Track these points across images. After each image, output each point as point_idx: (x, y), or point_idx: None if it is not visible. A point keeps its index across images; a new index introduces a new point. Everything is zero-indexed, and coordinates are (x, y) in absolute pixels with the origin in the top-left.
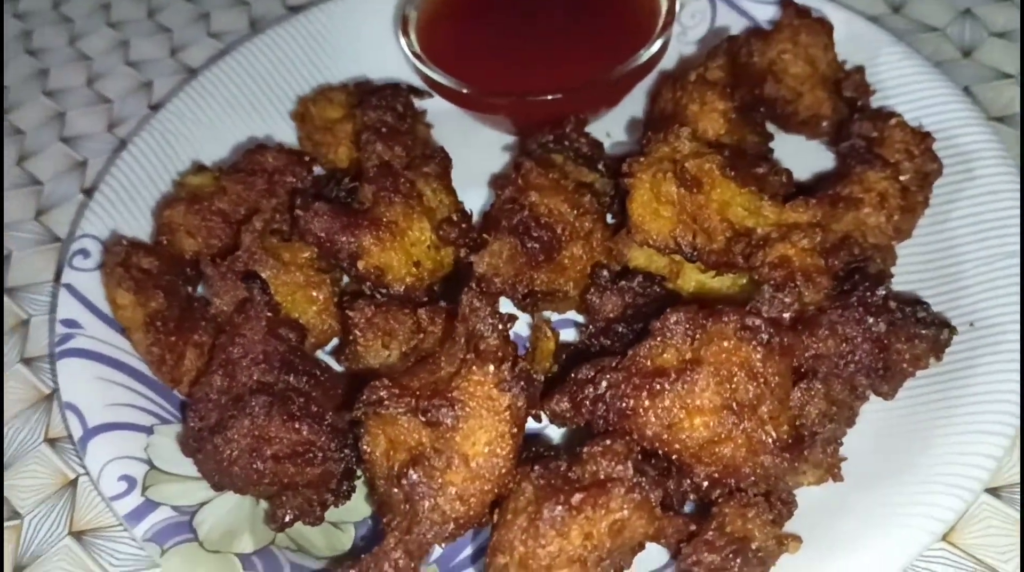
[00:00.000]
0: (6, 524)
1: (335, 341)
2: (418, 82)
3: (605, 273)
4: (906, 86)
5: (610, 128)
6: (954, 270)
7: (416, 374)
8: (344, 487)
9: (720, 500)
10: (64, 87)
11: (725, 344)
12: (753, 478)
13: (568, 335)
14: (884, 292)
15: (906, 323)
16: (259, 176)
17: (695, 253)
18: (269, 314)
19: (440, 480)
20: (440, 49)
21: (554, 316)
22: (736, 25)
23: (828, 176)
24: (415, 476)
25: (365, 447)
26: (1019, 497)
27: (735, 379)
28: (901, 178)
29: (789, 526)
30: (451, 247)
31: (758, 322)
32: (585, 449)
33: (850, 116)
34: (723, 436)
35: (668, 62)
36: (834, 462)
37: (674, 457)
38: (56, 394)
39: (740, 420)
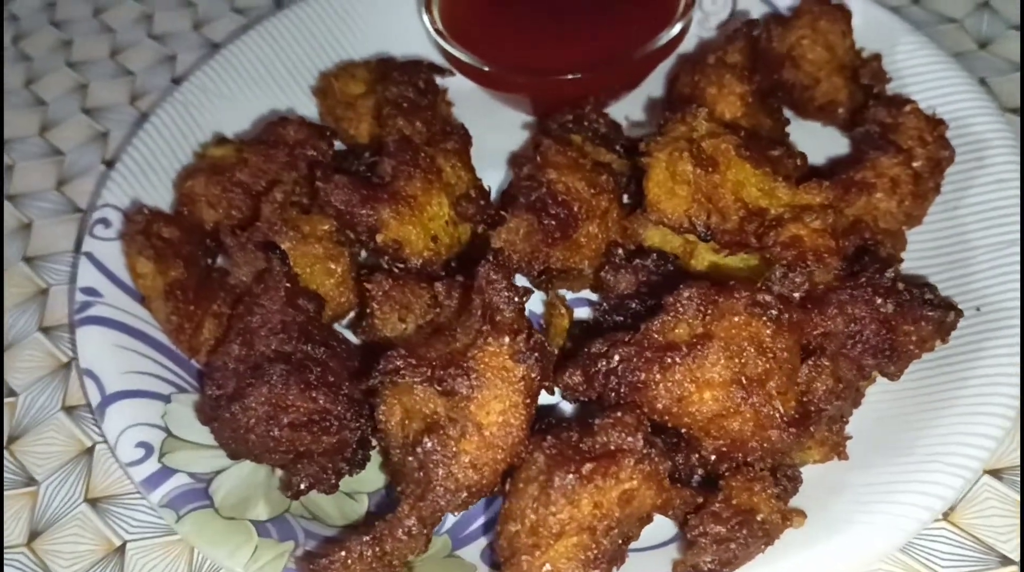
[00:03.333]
0: (21, 491)
1: (351, 314)
2: (440, 60)
3: (620, 251)
4: (922, 75)
5: (628, 110)
6: (963, 256)
7: (432, 345)
8: (359, 456)
9: (727, 474)
10: (88, 59)
11: (736, 319)
12: (760, 452)
13: (582, 313)
14: (892, 274)
15: (913, 305)
16: (280, 148)
17: (709, 232)
18: (288, 285)
19: (454, 448)
20: (463, 27)
21: (568, 294)
22: (757, 11)
23: (842, 161)
24: (429, 444)
25: (380, 416)
26: (1019, 479)
27: (745, 354)
28: (914, 164)
29: (793, 502)
30: (469, 223)
31: (768, 298)
32: (596, 421)
33: (866, 103)
34: (731, 410)
35: (689, 47)
36: (839, 440)
37: (683, 430)
38: (74, 362)
39: (748, 395)
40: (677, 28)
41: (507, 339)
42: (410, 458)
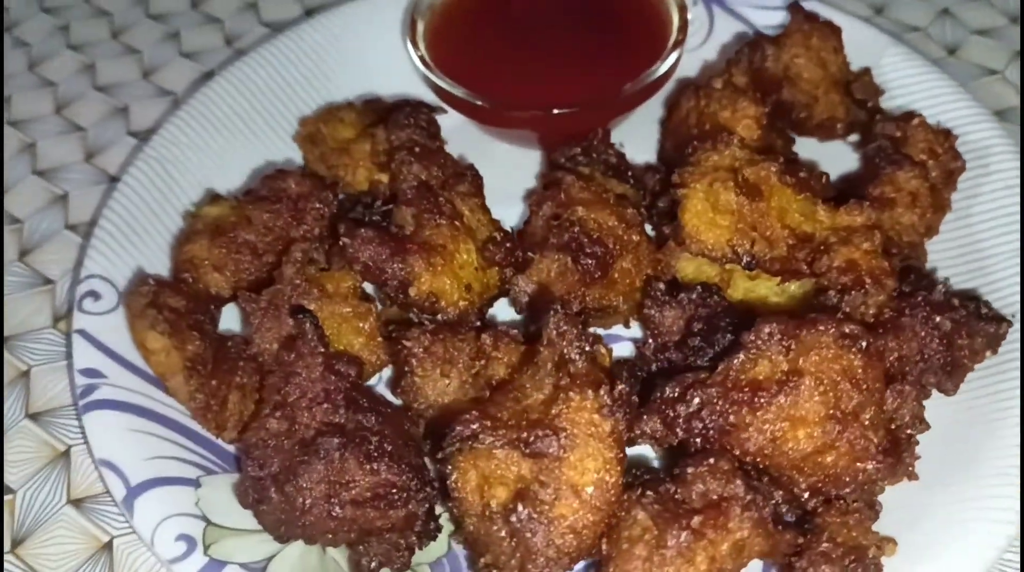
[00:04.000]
0: None
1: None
2: (426, 96)
3: (661, 286)
4: (911, 86)
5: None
6: (982, 265)
7: (501, 404)
8: (431, 528)
9: (819, 510)
10: (31, 116)
11: (826, 353)
12: (854, 485)
13: (618, 350)
14: (943, 289)
15: (968, 319)
16: (283, 203)
17: (754, 261)
18: (323, 349)
19: (551, 513)
20: (451, 63)
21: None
22: (730, 31)
23: (853, 178)
24: (523, 511)
25: (453, 484)
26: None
27: (839, 388)
28: (929, 176)
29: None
30: (496, 268)
31: (856, 329)
32: (689, 470)
33: (869, 118)
34: (827, 445)
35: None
36: (911, 461)
37: (774, 470)
38: (81, 452)
39: (844, 428)
40: (674, 56)
41: (591, 393)
42: (495, 527)
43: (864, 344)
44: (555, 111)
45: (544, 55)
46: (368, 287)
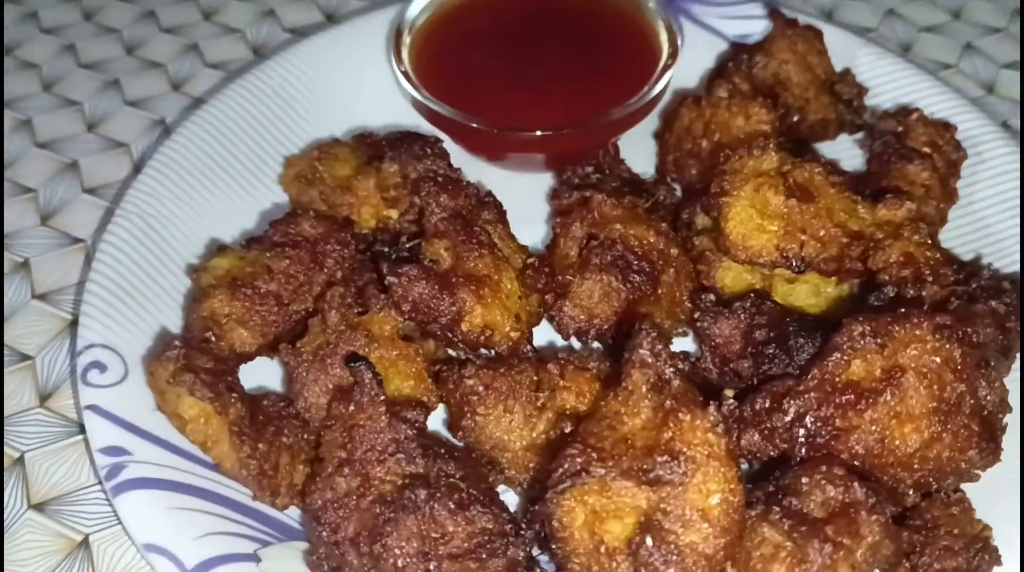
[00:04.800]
0: None
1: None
2: (413, 126)
3: (711, 297)
4: (889, 83)
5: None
6: (995, 249)
7: (598, 435)
8: None
9: (921, 505)
10: None
11: (924, 345)
12: (956, 476)
13: None
14: (989, 274)
15: (1016, 301)
16: (302, 248)
17: (803, 264)
18: (384, 397)
19: (680, 542)
20: (440, 89)
21: None
22: (706, 46)
23: (862, 175)
24: (651, 544)
25: (558, 524)
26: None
27: (942, 378)
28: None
29: None
30: (537, 294)
31: (950, 320)
32: (804, 480)
33: (857, 117)
34: (933, 439)
35: None
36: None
37: (878, 470)
38: (117, 537)
39: (947, 419)
40: (669, 75)
41: (701, 412)
42: (614, 564)
43: (960, 333)
44: (564, 131)
45: (535, 76)
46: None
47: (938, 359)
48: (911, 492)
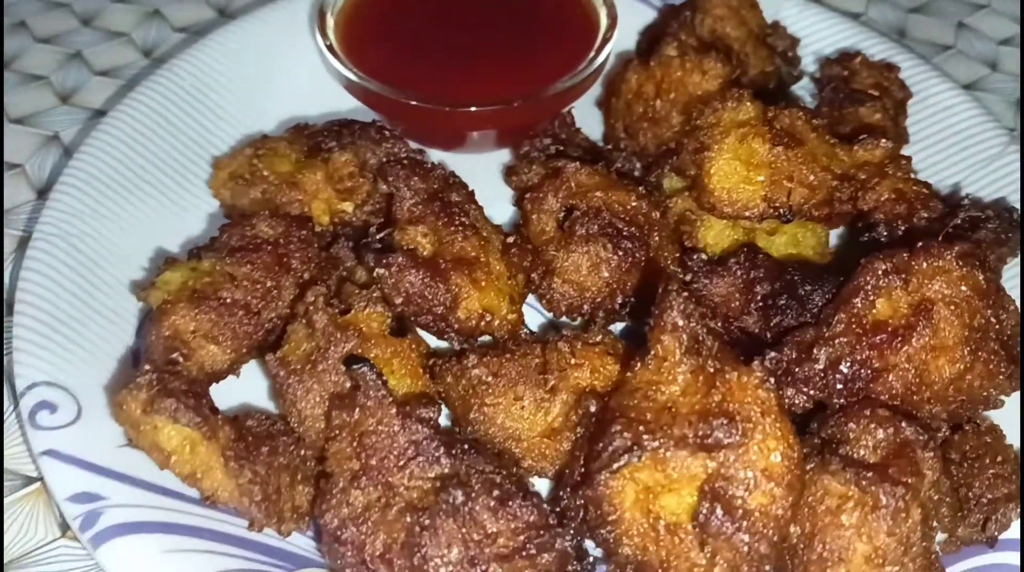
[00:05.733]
0: None
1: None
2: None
3: (703, 257)
4: (816, 32)
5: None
6: (942, 186)
7: (636, 408)
8: (586, 563)
9: (956, 438)
10: None
11: (952, 276)
12: (985, 404)
13: None
14: (968, 202)
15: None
16: (263, 251)
17: (791, 212)
18: (392, 397)
19: (748, 505)
20: (374, 69)
21: None
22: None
23: None
24: (719, 512)
25: (609, 506)
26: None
27: (972, 307)
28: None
29: None
30: (522, 273)
31: (971, 247)
32: (851, 425)
33: (795, 69)
34: (966, 368)
35: None
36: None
37: (913, 407)
38: None
39: (978, 347)
40: (610, 45)
41: (745, 369)
42: (677, 540)
43: (981, 259)
44: (516, 104)
45: (472, 50)
46: None
47: (965, 287)
48: (944, 426)
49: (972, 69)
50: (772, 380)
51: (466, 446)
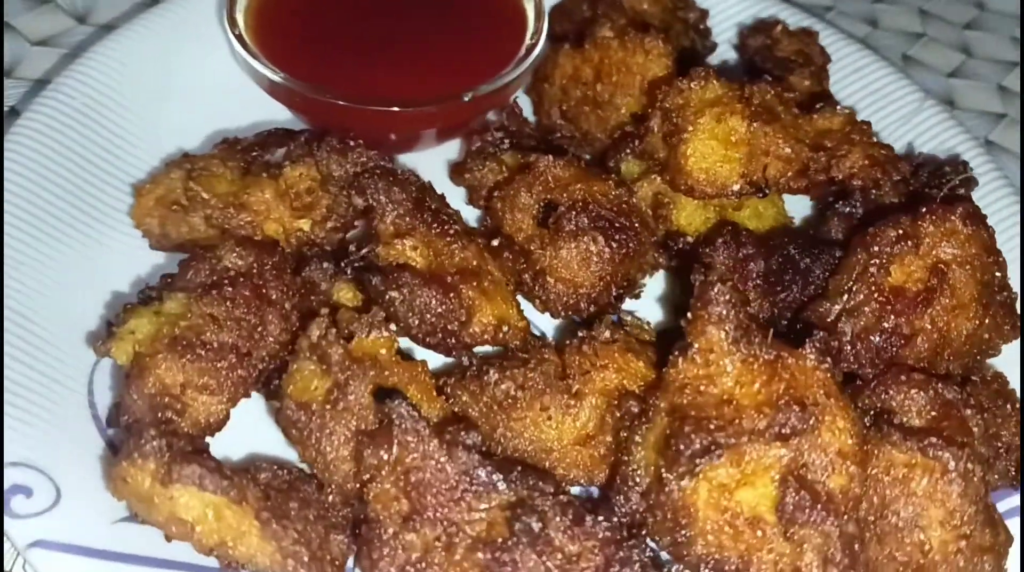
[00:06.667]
0: None
1: None
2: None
3: (688, 240)
4: (731, 5)
5: None
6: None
7: (693, 405)
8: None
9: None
10: None
11: (960, 236)
12: (992, 353)
13: None
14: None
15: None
16: (239, 285)
17: (767, 185)
18: (430, 428)
19: (830, 488)
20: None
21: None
22: None
23: None
24: (805, 500)
25: (687, 509)
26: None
27: (983, 263)
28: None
29: None
30: (513, 276)
31: (972, 206)
32: (892, 393)
33: (708, 42)
34: (981, 321)
35: None
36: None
37: (936, 364)
38: None
39: (989, 301)
40: (544, 31)
41: (801, 353)
42: (759, 533)
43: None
44: (464, 99)
45: (396, 46)
46: None
47: (973, 246)
48: (959, 380)
49: (946, 57)
50: (828, 360)
51: (519, 467)
